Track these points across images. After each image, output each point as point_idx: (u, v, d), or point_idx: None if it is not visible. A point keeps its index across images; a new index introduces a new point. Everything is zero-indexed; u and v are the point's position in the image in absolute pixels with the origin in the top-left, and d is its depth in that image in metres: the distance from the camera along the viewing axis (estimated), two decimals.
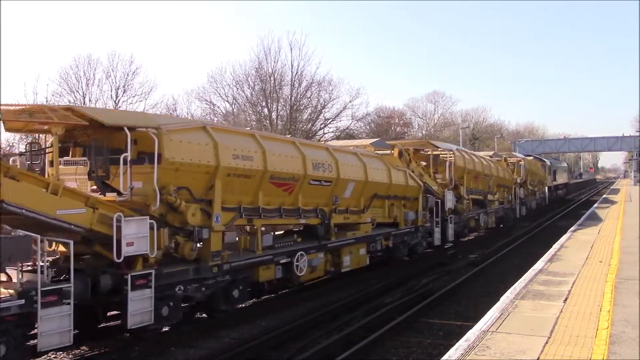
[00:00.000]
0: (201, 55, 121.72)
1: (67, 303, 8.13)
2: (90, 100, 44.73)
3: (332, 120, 54.67)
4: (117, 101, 46.21)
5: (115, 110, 35.42)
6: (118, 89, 46.64)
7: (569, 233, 20.74)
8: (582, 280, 11.66)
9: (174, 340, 10.32)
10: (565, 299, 9.95)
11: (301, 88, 52.60)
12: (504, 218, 30.23)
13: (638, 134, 77.88)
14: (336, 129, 53.88)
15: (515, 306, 9.50)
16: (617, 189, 63.00)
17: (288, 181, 12.51)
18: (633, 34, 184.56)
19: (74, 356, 9.44)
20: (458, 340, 7.79)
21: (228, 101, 53.65)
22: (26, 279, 8.09)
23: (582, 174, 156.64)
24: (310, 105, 53.93)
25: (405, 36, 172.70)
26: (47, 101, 39.32)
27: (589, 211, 31.47)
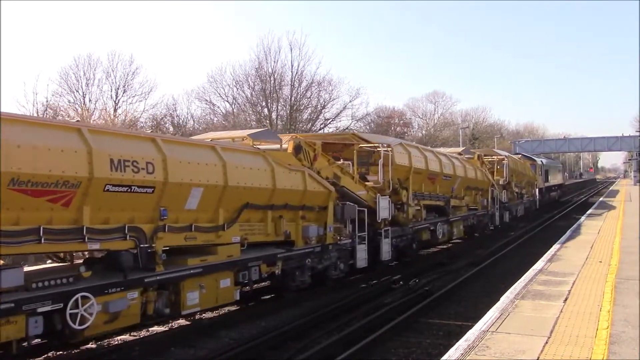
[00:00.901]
0: (201, 55, 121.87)
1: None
2: (90, 100, 44.77)
3: (332, 120, 54.76)
4: (117, 101, 46.27)
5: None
6: (118, 89, 46.69)
7: (569, 233, 20.75)
8: (582, 280, 11.66)
9: (174, 340, 10.32)
10: (565, 299, 9.95)
11: (301, 88, 52.66)
12: (477, 226, 25.74)
13: (638, 134, 77.83)
14: (336, 129, 53.88)
15: (515, 306, 9.50)
16: (617, 190, 59.50)
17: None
18: (633, 34, 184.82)
19: (74, 356, 9.43)
20: (458, 340, 7.78)
21: (228, 101, 53.70)
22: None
23: (582, 174, 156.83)
24: (310, 105, 54.00)
25: (405, 36, 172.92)
26: (47, 101, 39.31)
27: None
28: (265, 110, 52.16)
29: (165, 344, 10.13)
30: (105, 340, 10.08)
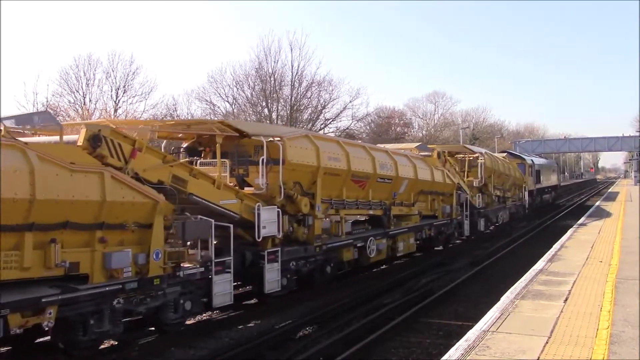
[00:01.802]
0: (201, 56, 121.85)
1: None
2: (90, 100, 44.67)
3: (333, 121, 54.75)
4: (117, 101, 46.14)
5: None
6: (118, 89, 46.50)
7: (569, 233, 20.73)
8: (583, 280, 11.65)
9: (174, 340, 10.31)
10: (566, 299, 9.95)
11: (301, 88, 52.64)
12: (437, 239, 20.72)
13: (638, 134, 77.93)
14: (336, 129, 53.91)
15: (515, 306, 9.49)
16: (616, 192, 54.69)
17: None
18: (633, 34, 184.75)
19: (72, 356, 9.41)
20: (458, 340, 7.78)
21: (228, 101, 53.62)
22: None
23: (583, 174, 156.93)
24: (310, 106, 53.98)
25: (405, 36, 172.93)
26: (47, 101, 39.25)
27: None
28: (266, 110, 52.17)
29: (165, 344, 10.11)
30: (105, 340, 10.06)
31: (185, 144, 13.47)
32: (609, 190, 65.43)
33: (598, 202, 40.26)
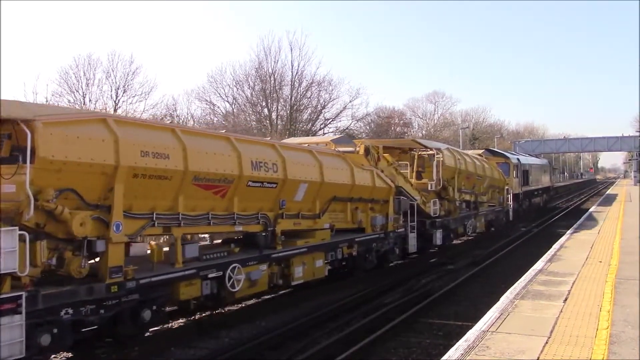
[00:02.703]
0: (201, 55, 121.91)
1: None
2: (90, 100, 44.70)
3: (332, 121, 54.89)
4: (117, 101, 46.17)
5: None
6: (118, 89, 46.55)
7: (568, 233, 20.74)
8: (582, 281, 11.65)
9: (174, 340, 10.32)
10: (565, 299, 9.95)
11: (301, 88, 52.79)
12: (364, 260, 15.86)
13: (638, 134, 77.93)
14: (336, 129, 53.95)
15: (515, 306, 9.50)
16: (615, 195, 50.25)
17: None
18: (633, 33, 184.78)
19: (72, 356, 9.42)
20: (458, 340, 7.79)
21: (228, 101, 53.79)
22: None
23: (583, 174, 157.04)
24: (310, 106, 54.10)
25: (405, 36, 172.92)
26: (47, 101, 39.22)
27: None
28: (266, 110, 52.27)
29: (165, 344, 10.12)
30: (105, 340, 10.07)
31: None
32: (607, 192, 62.72)
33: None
